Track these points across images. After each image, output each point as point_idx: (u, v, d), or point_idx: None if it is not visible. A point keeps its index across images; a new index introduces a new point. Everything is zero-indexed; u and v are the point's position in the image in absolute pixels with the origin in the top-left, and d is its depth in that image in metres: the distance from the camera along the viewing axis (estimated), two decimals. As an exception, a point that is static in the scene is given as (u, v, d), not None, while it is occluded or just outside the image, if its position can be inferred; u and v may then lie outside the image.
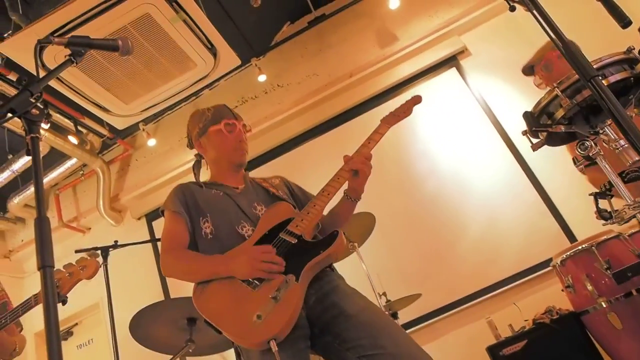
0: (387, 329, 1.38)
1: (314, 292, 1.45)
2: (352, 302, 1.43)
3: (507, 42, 3.88)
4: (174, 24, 3.15)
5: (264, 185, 1.77)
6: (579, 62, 0.91)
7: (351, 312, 1.39)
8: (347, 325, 1.37)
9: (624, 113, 0.84)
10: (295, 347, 1.35)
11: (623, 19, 1.25)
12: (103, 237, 4.39)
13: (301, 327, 1.39)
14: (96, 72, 3.28)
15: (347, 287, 1.51)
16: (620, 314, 2.27)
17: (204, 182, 1.76)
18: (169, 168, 4.52)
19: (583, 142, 1.37)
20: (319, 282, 1.48)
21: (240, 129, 1.79)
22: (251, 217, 1.59)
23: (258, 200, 1.67)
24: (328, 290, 1.46)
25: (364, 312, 1.41)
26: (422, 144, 3.89)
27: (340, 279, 1.55)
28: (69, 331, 4.55)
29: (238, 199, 1.64)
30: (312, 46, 4.47)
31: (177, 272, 1.53)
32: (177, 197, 1.65)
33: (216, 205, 1.62)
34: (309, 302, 1.43)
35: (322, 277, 1.50)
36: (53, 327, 0.74)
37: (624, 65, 1.31)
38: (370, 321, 1.38)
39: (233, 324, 1.33)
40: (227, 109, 1.82)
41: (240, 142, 1.76)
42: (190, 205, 1.63)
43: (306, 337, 1.40)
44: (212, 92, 4.61)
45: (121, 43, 1.25)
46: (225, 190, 1.68)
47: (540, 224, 3.42)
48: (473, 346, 3.02)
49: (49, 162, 4.53)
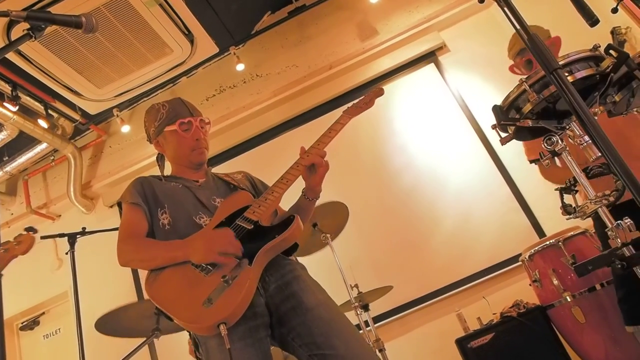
0: (341, 328, 1.38)
1: (274, 280, 1.44)
2: (311, 294, 1.43)
3: (485, 40, 3.92)
4: (150, 8, 3.08)
5: (225, 179, 1.73)
6: (542, 54, 0.92)
7: (309, 305, 1.39)
8: (303, 319, 1.37)
9: (584, 105, 0.85)
10: (256, 335, 1.34)
11: (591, 17, 1.27)
12: (73, 225, 4.25)
13: (260, 315, 1.38)
14: (68, 53, 3.19)
15: (308, 278, 1.51)
16: (583, 308, 2.34)
17: (164, 176, 1.71)
18: (144, 156, 4.43)
19: (550, 137, 1.38)
20: (281, 270, 1.47)
21: (197, 127, 1.69)
22: (210, 209, 1.57)
23: (218, 193, 1.64)
24: (290, 279, 1.45)
25: (321, 307, 1.40)
26: (399, 137, 3.91)
27: (303, 269, 1.55)
28: (35, 320, 4.44)
29: (197, 192, 1.62)
30: (292, 37, 4.44)
31: (135, 260, 1.51)
32: (135, 189, 1.62)
33: (174, 197, 1.59)
34: (268, 289, 1.43)
35: (285, 265, 1.49)
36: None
37: (590, 62, 1.33)
38: (325, 318, 1.38)
39: (183, 310, 1.31)
40: (182, 106, 1.72)
41: (198, 140, 1.68)
42: (148, 196, 1.60)
43: (266, 325, 1.40)
44: (189, 80, 4.54)
45: (84, 20, 1.20)
46: (184, 182, 1.66)
47: (512, 219, 3.48)
48: (443, 339, 3.06)
49: (18, 147, 4.38)
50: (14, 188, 4.84)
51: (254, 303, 1.35)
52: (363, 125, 3.96)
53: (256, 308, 1.36)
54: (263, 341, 1.36)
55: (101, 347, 2.74)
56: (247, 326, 1.33)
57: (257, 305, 1.37)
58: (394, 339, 3.40)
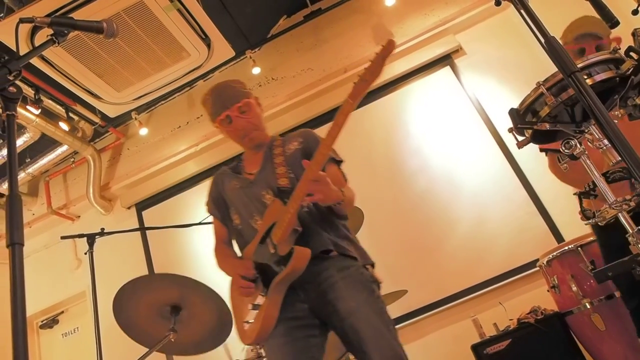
0: (370, 337, 1.44)
1: (313, 289, 1.54)
2: (345, 302, 1.49)
3: (502, 43, 3.89)
4: (168, 13, 3.13)
5: (275, 167, 1.72)
6: (560, 57, 0.91)
7: (343, 315, 1.47)
8: (341, 325, 1.48)
9: (603, 109, 0.84)
10: (294, 334, 1.52)
11: (611, 19, 1.25)
12: (92, 226, 4.33)
13: (302, 318, 1.54)
14: (88, 58, 3.26)
15: (343, 284, 1.52)
16: (603, 316, 2.29)
17: (237, 162, 1.87)
18: (161, 158, 4.50)
19: (568, 140, 1.37)
20: (317, 278, 1.54)
21: (236, 117, 1.74)
22: (260, 208, 1.66)
23: (267, 188, 1.68)
24: (325, 287, 1.53)
25: (352, 317, 1.46)
26: (414, 140, 3.89)
27: (340, 272, 1.54)
28: (55, 319, 4.53)
29: (249, 192, 1.72)
30: (308, 40, 4.46)
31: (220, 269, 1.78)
32: (210, 195, 1.85)
33: (235, 200, 1.76)
34: (310, 297, 1.55)
35: (321, 272, 1.54)
36: (19, 306, 0.73)
37: (610, 65, 1.31)
38: (356, 328, 1.45)
39: (237, 323, 1.63)
40: (216, 101, 1.77)
41: (242, 130, 1.75)
42: (219, 200, 1.82)
43: (307, 326, 1.54)
44: (206, 83, 4.59)
45: (106, 25, 1.23)
46: (240, 182, 1.77)
47: (529, 224, 3.43)
48: (458, 345, 3.03)
49: (39, 149, 4.49)
50: (36, 189, 4.95)
51: (295, 308, 1.53)
52: (378, 128, 3.95)
53: (297, 312, 1.54)
54: (300, 340, 1.52)
55: (118, 346, 2.78)
56: (286, 326, 1.52)
57: (298, 310, 1.54)
58: (408, 344, 3.37)
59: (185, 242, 4.18)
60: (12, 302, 0.74)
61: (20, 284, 0.74)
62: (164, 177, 4.46)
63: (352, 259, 1.59)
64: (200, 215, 2.69)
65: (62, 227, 4.64)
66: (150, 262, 4.28)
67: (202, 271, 4.13)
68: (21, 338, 0.71)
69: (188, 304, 2.10)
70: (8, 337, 0.69)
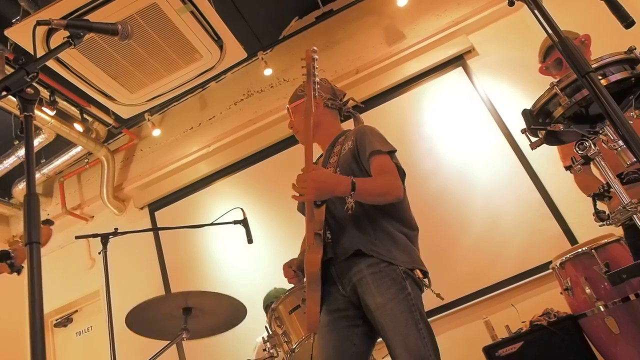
0: (394, 335, 1.48)
1: (347, 283, 1.62)
2: (372, 297, 1.54)
3: (514, 43, 3.85)
4: (181, 15, 3.16)
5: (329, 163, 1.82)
6: (574, 57, 0.90)
7: (371, 308, 1.54)
8: (372, 317, 1.55)
9: (618, 109, 0.83)
10: (337, 324, 1.61)
11: (626, 18, 1.24)
12: (106, 226, 4.40)
13: (344, 309, 1.62)
14: (102, 60, 3.30)
15: (371, 280, 1.56)
16: (617, 319, 2.26)
17: None
18: (173, 159, 4.54)
19: (582, 141, 1.35)
20: (349, 273, 1.61)
21: (290, 118, 1.94)
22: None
23: None
24: (355, 282, 1.59)
25: (377, 311, 1.52)
26: (427, 142, 3.87)
27: (369, 268, 1.58)
28: (69, 318, 4.59)
29: None
30: (320, 41, 4.46)
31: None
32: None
33: None
34: (347, 290, 1.62)
35: (351, 267, 1.61)
36: (37, 304, 0.75)
37: (625, 65, 1.29)
38: (381, 323, 1.51)
39: None
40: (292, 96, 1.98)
41: (297, 133, 1.93)
42: None
43: (350, 317, 1.61)
44: (218, 85, 4.63)
45: (120, 27, 1.25)
46: None
47: (542, 225, 3.40)
48: (470, 346, 3.01)
49: (54, 150, 4.56)
50: (50, 189, 5.02)
51: (337, 301, 1.63)
52: (390, 129, 3.89)
53: (339, 305, 1.63)
54: (343, 329, 1.60)
55: (131, 345, 2.81)
56: (331, 317, 1.63)
57: (340, 302, 1.63)
58: (420, 345, 3.36)
59: (197, 243, 4.22)
60: (29, 300, 0.76)
61: (38, 282, 0.75)
62: (176, 178, 4.50)
63: (383, 262, 1.59)
64: (212, 216, 2.70)
65: (77, 227, 4.71)
66: (163, 262, 4.32)
67: (213, 271, 4.18)
68: (39, 335, 0.73)
69: (198, 305, 2.14)
70: (13, 335, 0.70)
